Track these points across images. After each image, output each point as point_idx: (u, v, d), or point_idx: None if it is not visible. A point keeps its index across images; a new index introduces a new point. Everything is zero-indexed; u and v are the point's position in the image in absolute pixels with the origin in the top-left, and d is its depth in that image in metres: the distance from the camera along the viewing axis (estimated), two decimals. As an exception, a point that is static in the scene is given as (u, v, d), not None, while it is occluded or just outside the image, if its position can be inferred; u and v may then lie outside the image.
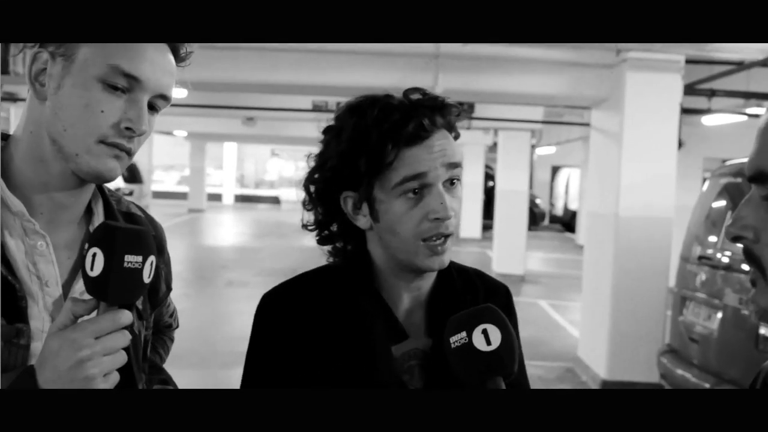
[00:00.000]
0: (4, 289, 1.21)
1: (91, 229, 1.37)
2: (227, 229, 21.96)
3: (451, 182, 1.38)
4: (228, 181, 34.24)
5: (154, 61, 1.27)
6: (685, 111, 7.76)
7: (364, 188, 1.37)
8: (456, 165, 1.37)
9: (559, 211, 26.73)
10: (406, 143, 1.33)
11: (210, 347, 7.82)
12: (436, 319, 1.43)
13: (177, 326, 1.82)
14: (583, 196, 19.26)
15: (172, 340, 1.84)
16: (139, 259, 1.13)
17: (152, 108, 1.32)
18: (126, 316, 1.14)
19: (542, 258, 17.43)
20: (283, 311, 1.44)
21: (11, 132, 1.35)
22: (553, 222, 26.72)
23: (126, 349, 1.27)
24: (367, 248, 1.47)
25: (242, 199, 33.28)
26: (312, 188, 1.46)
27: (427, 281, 1.47)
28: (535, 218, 23.40)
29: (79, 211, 1.36)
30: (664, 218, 6.91)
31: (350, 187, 1.39)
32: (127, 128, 1.26)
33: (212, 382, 6.54)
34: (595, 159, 7.95)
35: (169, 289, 1.63)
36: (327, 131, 1.44)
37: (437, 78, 7.25)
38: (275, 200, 33.02)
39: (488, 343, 1.23)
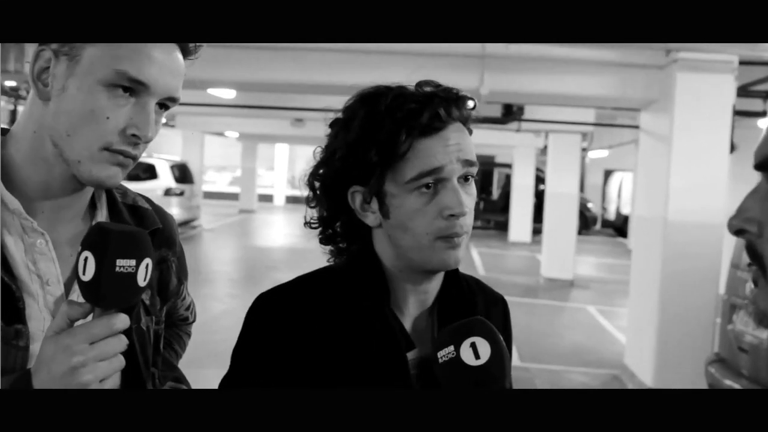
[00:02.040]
0: (1, 290, 1.18)
1: (94, 224, 1.33)
2: (277, 230, 22.10)
3: (466, 179, 1.31)
4: (279, 182, 34.51)
5: (161, 64, 1.22)
6: (739, 113, 7.58)
7: (375, 181, 1.29)
8: (471, 163, 1.30)
9: (611, 215, 26.42)
10: (420, 133, 1.26)
11: (252, 347, 7.81)
12: (445, 324, 1.35)
13: (194, 320, 1.79)
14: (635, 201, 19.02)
15: (188, 335, 1.80)
16: (132, 263, 1.10)
17: (161, 106, 1.27)
18: (121, 321, 1.11)
19: (593, 263, 17.21)
20: (276, 314, 1.33)
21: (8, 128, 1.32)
22: (605, 226, 26.42)
23: (132, 346, 1.24)
24: (373, 248, 1.38)
25: (293, 200, 33.48)
26: (317, 184, 1.39)
27: (434, 284, 1.39)
28: (586, 222, 23.17)
29: (81, 208, 1.33)
30: (715, 223, 6.74)
31: (359, 181, 1.32)
32: (133, 135, 1.21)
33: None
34: (643, 162, 7.80)
35: (180, 282, 1.59)
36: (335, 123, 1.37)
37: (482, 79, 7.18)
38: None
39: (477, 356, 1.18)
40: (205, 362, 7.09)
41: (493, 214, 24.51)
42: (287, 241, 18.87)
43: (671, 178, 6.77)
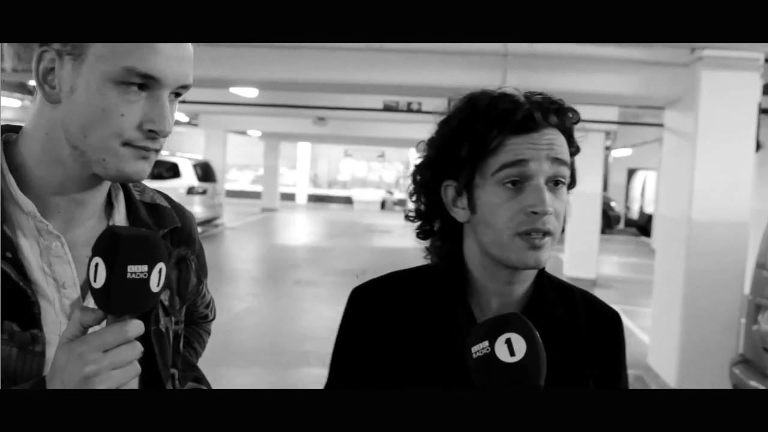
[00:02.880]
0: (16, 295, 1.16)
1: (111, 224, 1.32)
2: (299, 229, 22.13)
3: (555, 182, 1.31)
4: (301, 180, 34.56)
5: (167, 54, 1.18)
6: (765, 112, 7.49)
7: (465, 174, 1.33)
8: (563, 162, 1.31)
9: (634, 214, 26.22)
10: (512, 131, 1.29)
11: (275, 346, 7.83)
12: None
13: (214, 318, 1.77)
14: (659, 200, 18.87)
15: (208, 333, 1.79)
16: (144, 268, 1.06)
17: (175, 94, 1.25)
18: (135, 327, 1.08)
19: (616, 262, 17.09)
20: (370, 307, 1.42)
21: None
22: (629, 225, 26.24)
23: (151, 348, 1.23)
24: (461, 248, 1.41)
25: (315, 198, 33.54)
26: (418, 177, 1.43)
27: (520, 287, 1.39)
28: (609, 221, 23.01)
29: (98, 206, 1.31)
30: (740, 222, 6.67)
31: (452, 175, 1.35)
32: (150, 130, 1.19)
33: (277, 380, 6.53)
34: (668, 160, 7.72)
35: (200, 281, 1.57)
36: (440, 122, 1.41)
37: (505, 77, 7.14)
38: (348, 200, 33.17)
39: (512, 353, 1.15)
40: (227, 361, 7.12)
41: (516, 213, 24.40)
42: (309, 240, 18.89)
43: (696, 177, 6.70)
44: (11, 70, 7.61)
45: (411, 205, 1.46)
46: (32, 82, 1.26)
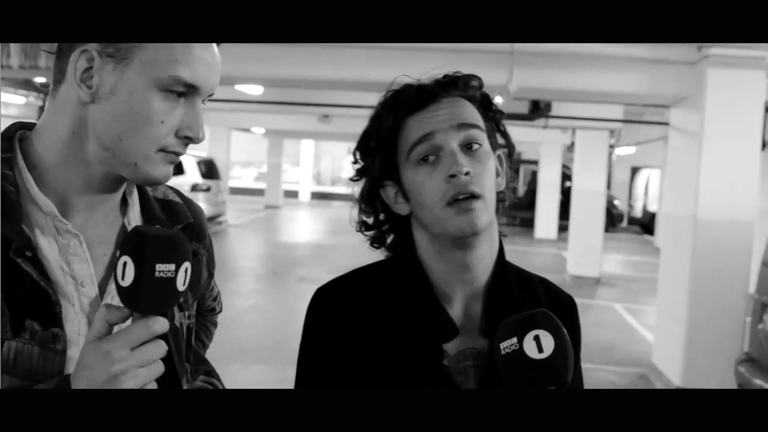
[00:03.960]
0: (37, 294, 1.17)
1: (126, 222, 1.33)
2: (302, 226, 22.14)
3: (468, 146, 1.33)
4: (304, 178, 34.56)
5: (208, 63, 1.22)
6: (770, 110, 7.49)
7: (380, 163, 1.37)
8: (471, 125, 1.33)
9: (638, 212, 26.23)
10: (408, 111, 1.34)
11: (278, 343, 7.84)
12: (492, 317, 1.36)
13: (220, 310, 1.78)
14: (663, 198, 18.86)
15: (215, 325, 1.80)
16: (172, 267, 1.08)
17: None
18: (161, 325, 1.10)
19: (619, 260, 17.10)
20: (335, 305, 1.41)
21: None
22: (632, 224, 26.24)
23: (168, 344, 1.24)
24: (411, 239, 1.43)
25: (318, 196, 33.54)
26: (356, 189, 1.47)
27: (478, 269, 1.39)
28: (612, 220, 23.01)
29: (115, 204, 1.32)
30: (746, 221, 6.67)
31: (383, 175, 1.39)
32: (186, 136, 1.22)
33: (280, 377, 6.54)
34: (673, 159, 7.72)
35: (211, 275, 1.58)
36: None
37: (512, 75, 7.14)
38: (351, 198, 32.95)
39: (540, 350, 1.16)
40: (232, 358, 7.13)
41: (519, 210, 24.38)
42: (312, 237, 18.89)
43: (701, 176, 6.71)
44: (17, 67, 7.62)
45: (359, 217, 1.48)
46: (39, 79, 1.27)
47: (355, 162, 1.45)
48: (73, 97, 1.21)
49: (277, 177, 27.15)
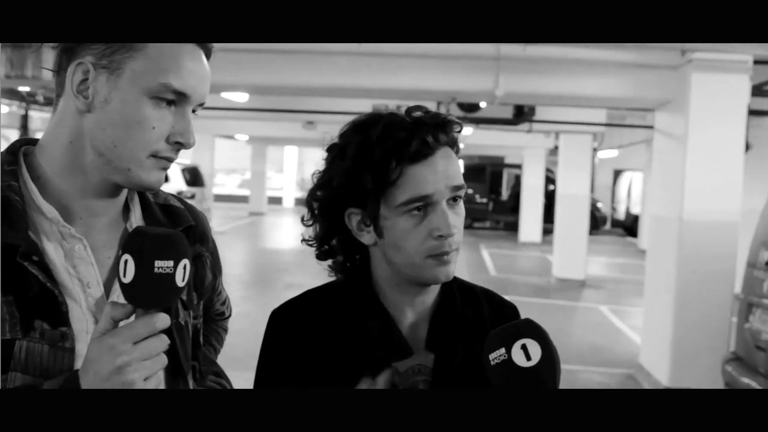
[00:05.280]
0: (45, 295, 1.23)
1: (129, 226, 1.39)
2: (287, 233, 22.10)
3: (454, 199, 1.39)
4: (288, 184, 34.51)
5: (197, 74, 1.29)
6: (753, 113, 7.58)
7: (371, 205, 1.38)
8: (459, 187, 1.38)
9: (621, 215, 26.37)
10: (410, 160, 1.35)
11: (269, 349, 7.83)
12: (437, 333, 1.46)
13: (230, 315, 1.83)
14: (646, 200, 18.97)
15: (225, 330, 1.84)
16: (170, 264, 1.14)
17: (192, 111, 1.34)
18: (162, 320, 1.15)
19: (603, 263, 17.19)
20: (290, 327, 1.47)
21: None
22: (615, 226, 26.37)
23: (172, 341, 1.28)
24: (368, 264, 1.49)
25: (302, 202, 33.24)
26: (315, 205, 1.48)
27: (431, 295, 1.49)
28: (596, 222, 23.12)
29: (117, 210, 1.38)
30: (730, 222, 6.76)
31: (355, 204, 1.41)
32: (177, 142, 1.29)
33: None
34: (659, 162, 7.80)
35: (215, 277, 1.64)
36: (331, 149, 1.46)
37: (498, 80, 7.20)
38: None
39: (528, 358, 1.20)
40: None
41: (503, 214, 24.51)
42: (297, 244, 18.53)
43: (686, 178, 6.78)
44: (4, 77, 7.61)
45: (307, 231, 1.51)
46: (23, 88, 1.32)
47: (326, 184, 1.45)
48: (72, 108, 1.28)
49: (261, 184, 27.12)
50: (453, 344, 1.46)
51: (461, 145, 1.47)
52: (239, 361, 1.93)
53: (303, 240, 1.52)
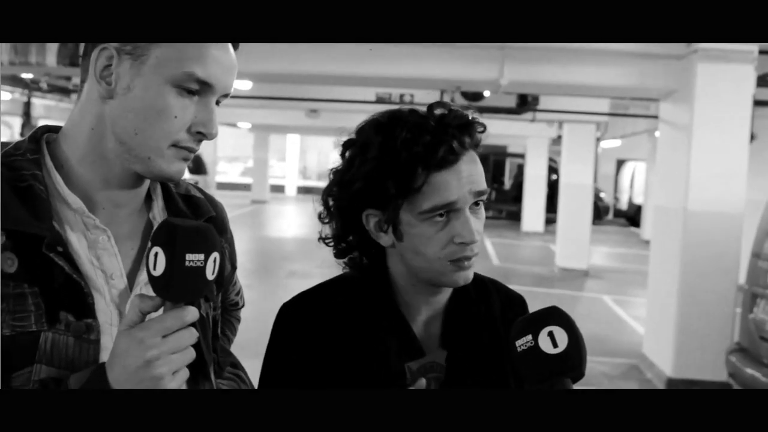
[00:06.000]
0: (70, 286, 1.21)
1: (151, 216, 1.37)
2: (290, 221, 22.12)
3: (476, 203, 1.37)
4: (291, 172, 34.51)
5: (222, 63, 1.26)
6: (758, 103, 7.55)
7: (392, 210, 1.35)
8: (483, 193, 1.36)
9: (623, 205, 26.34)
10: (436, 168, 1.31)
11: (272, 337, 7.84)
12: (450, 331, 1.45)
13: (243, 305, 1.82)
14: (649, 190, 18.95)
15: (238, 320, 1.83)
16: (201, 257, 1.13)
17: (216, 101, 1.31)
18: (192, 314, 1.14)
19: (606, 252, 17.19)
20: (301, 322, 1.45)
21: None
22: (618, 216, 26.36)
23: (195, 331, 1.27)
24: (385, 263, 1.47)
25: (305, 190, 33.46)
26: (331, 202, 1.45)
27: (446, 294, 1.47)
28: (599, 212, 23.10)
29: (139, 201, 1.36)
30: (735, 213, 6.74)
31: (375, 205, 1.37)
32: (199, 132, 1.26)
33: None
34: (663, 152, 7.78)
35: (233, 267, 1.63)
36: (349, 145, 1.42)
37: (503, 70, 7.18)
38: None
39: (555, 345, 1.20)
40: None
41: (506, 204, 24.49)
42: (300, 232, 18.86)
43: (691, 168, 6.76)
44: (8, 63, 7.60)
45: (325, 229, 1.48)
46: (26, 75, 1.31)
47: (346, 184, 1.40)
48: (95, 94, 1.26)
49: (264, 172, 27.10)
50: (466, 342, 1.45)
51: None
52: (244, 349, 1.92)
53: (320, 239, 1.49)
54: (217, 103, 1.31)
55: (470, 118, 1.37)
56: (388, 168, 1.32)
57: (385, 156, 1.32)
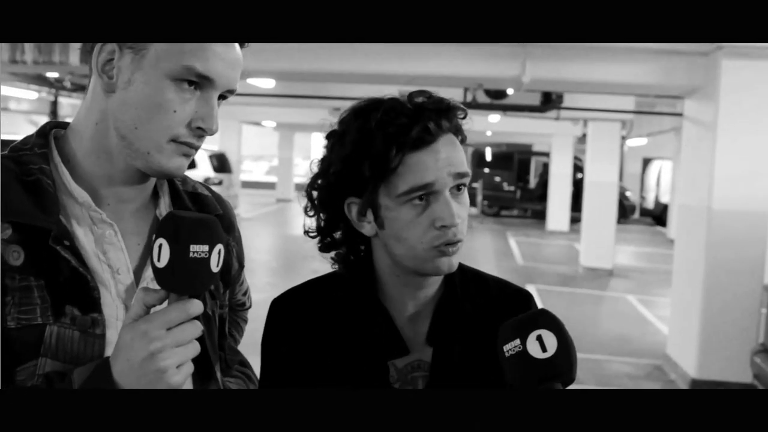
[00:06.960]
0: (76, 280, 1.21)
1: (158, 213, 1.37)
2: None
3: (458, 188, 1.34)
4: (316, 171, 34.52)
5: (224, 58, 1.25)
6: (784, 100, 7.44)
7: (369, 194, 1.34)
8: (462, 174, 1.33)
9: (649, 204, 26.13)
10: (411, 148, 1.29)
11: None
12: (438, 329, 1.42)
13: (250, 305, 1.81)
14: (675, 189, 18.79)
15: (245, 321, 1.82)
16: (205, 248, 1.12)
17: (220, 97, 1.30)
18: (196, 306, 1.13)
19: (632, 252, 17.07)
20: (290, 318, 1.46)
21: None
22: (644, 215, 26.16)
23: None
24: (371, 256, 1.45)
25: (329, 189, 33.51)
26: (315, 194, 1.44)
27: (433, 288, 1.44)
28: (624, 211, 22.94)
29: (145, 198, 1.36)
30: (761, 212, 6.67)
31: (354, 193, 1.36)
32: (199, 128, 1.25)
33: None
34: (688, 150, 7.70)
35: (241, 266, 1.62)
36: (330, 136, 1.41)
37: (524, 67, 7.14)
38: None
39: (543, 349, 1.17)
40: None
41: (531, 203, 24.40)
42: (324, 230, 18.85)
43: (716, 166, 6.70)
44: (32, 62, 7.67)
45: (309, 222, 1.47)
46: (51, 74, 1.30)
47: (324, 173, 1.41)
48: (98, 89, 1.26)
49: (289, 170, 27.18)
50: (453, 340, 1.43)
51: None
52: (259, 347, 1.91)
53: (305, 232, 1.49)
54: (223, 98, 1.30)
55: (450, 103, 1.36)
56: (363, 150, 1.31)
57: (361, 139, 1.32)
